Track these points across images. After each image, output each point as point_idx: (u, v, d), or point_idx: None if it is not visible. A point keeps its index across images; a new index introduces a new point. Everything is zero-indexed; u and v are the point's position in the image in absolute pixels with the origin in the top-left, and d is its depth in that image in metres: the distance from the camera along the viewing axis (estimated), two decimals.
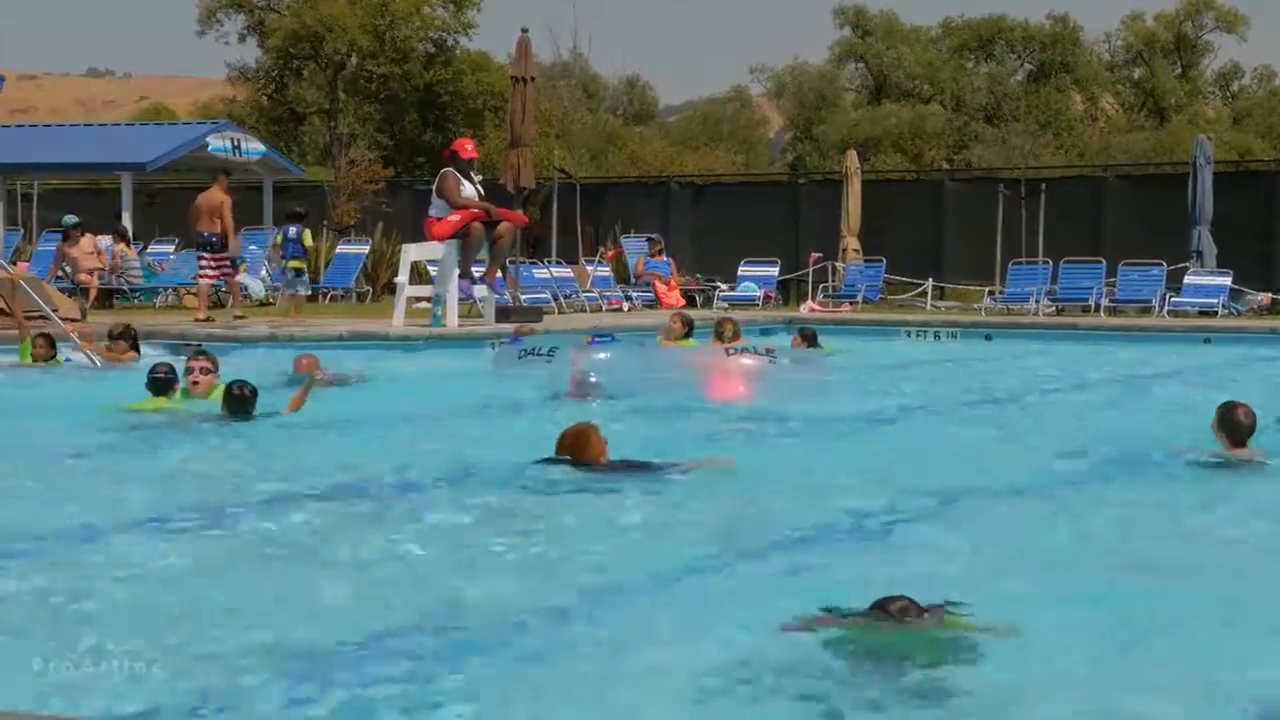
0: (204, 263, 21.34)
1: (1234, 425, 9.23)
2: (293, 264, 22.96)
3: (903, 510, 8.22)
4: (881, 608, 5.25)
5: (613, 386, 12.93)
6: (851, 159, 30.41)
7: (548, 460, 8.94)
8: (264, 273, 27.17)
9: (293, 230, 23.16)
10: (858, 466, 9.91)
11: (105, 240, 25.99)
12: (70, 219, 25.44)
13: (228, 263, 21.51)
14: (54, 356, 15.09)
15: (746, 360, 13.35)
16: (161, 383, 11.56)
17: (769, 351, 13.79)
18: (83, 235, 24.96)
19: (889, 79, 55.27)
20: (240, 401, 11.03)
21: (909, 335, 23.15)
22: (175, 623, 5.84)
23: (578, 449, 8.87)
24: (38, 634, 5.61)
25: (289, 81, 49.56)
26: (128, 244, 26.38)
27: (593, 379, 13.05)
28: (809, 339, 17.50)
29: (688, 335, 17.13)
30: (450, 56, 47.57)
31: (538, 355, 14.14)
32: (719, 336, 15.69)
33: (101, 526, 7.78)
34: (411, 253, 20.98)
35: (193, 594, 6.36)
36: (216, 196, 21.23)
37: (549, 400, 12.91)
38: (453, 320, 19.91)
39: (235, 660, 5.34)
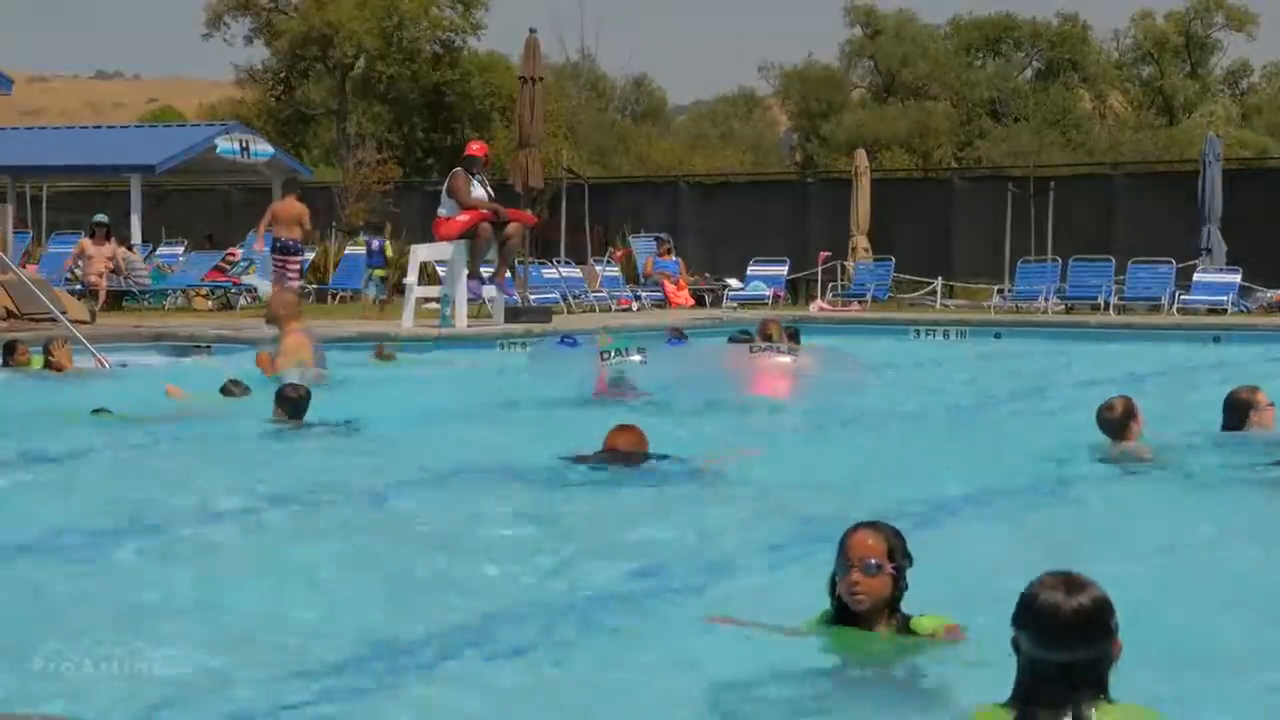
0: (286, 266, 22.53)
1: (1101, 424, 9.36)
2: (377, 272, 24.81)
3: (905, 509, 8.18)
4: None
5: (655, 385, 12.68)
6: (860, 158, 30.39)
7: (582, 458, 8.94)
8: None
9: (376, 243, 25.18)
10: (856, 468, 9.92)
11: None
12: (101, 216, 25.62)
13: (297, 266, 22.86)
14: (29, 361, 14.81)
15: (781, 358, 13.22)
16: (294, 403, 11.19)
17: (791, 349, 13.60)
18: (108, 238, 25.12)
19: (897, 78, 55.23)
20: (297, 403, 11.03)
21: (918, 334, 23.14)
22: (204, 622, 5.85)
23: (626, 441, 8.87)
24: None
25: (296, 83, 49.62)
26: (129, 248, 26.51)
27: (626, 378, 12.87)
28: (792, 337, 17.42)
29: None
30: (458, 57, 47.59)
31: (624, 356, 13.07)
32: (765, 339, 15.49)
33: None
34: (421, 253, 20.96)
35: (212, 594, 6.37)
36: (296, 207, 22.59)
37: (579, 400, 12.80)
38: (462, 321, 19.89)
39: (259, 666, 5.35)
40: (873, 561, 5.07)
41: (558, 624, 5.95)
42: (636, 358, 13.03)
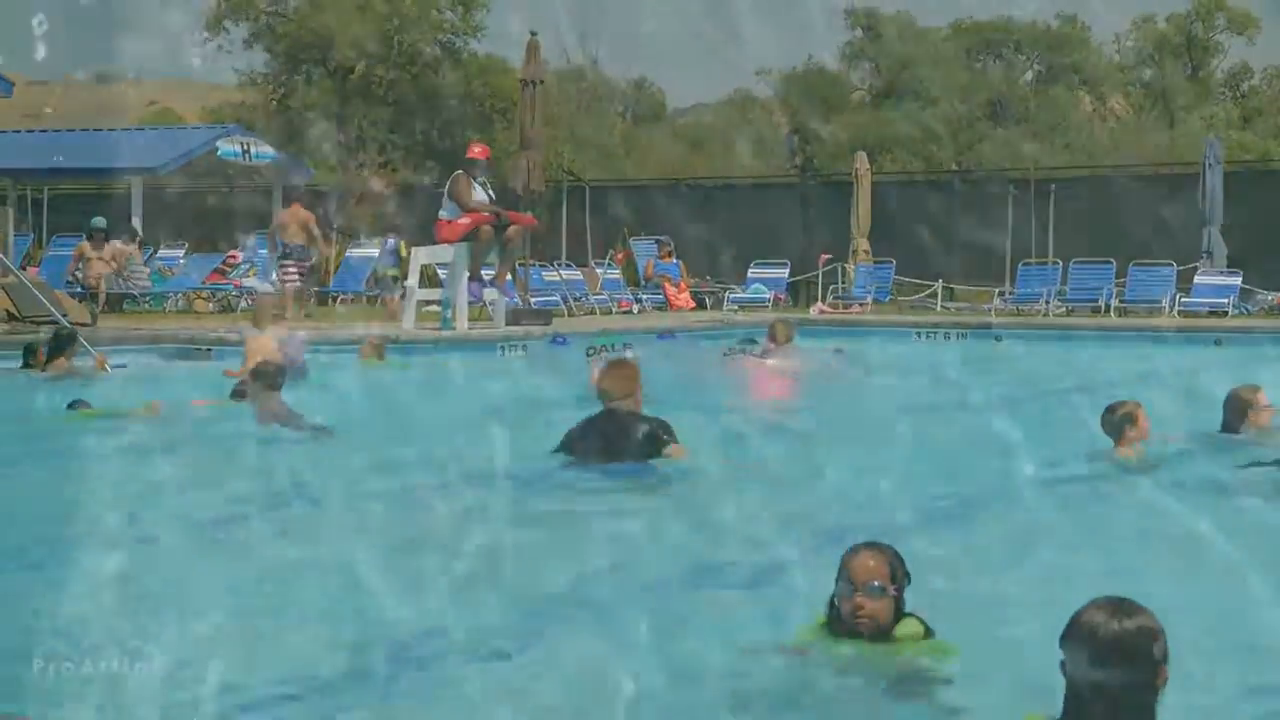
0: (289, 269, 23.20)
1: (1101, 424, 9.39)
2: (390, 272, 25.01)
3: (902, 511, 8.18)
4: None
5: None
6: (861, 160, 30.39)
7: (567, 450, 8.92)
8: (274, 276, 27.18)
9: (391, 243, 25.00)
10: (854, 470, 9.92)
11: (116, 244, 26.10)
12: (99, 221, 25.63)
13: (306, 269, 23.54)
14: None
15: (768, 361, 13.26)
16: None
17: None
18: (106, 240, 25.18)
19: (898, 81, 55.21)
20: (271, 374, 11.05)
21: (919, 337, 23.13)
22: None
23: (615, 381, 8.81)
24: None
25: (297, 86, 49.61)
26: (138, 245, 26.51)
27: None
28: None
29: None
30: (458, 60, 47.61)
31: (611, 352, 13.33)
32: (773, 339, 15.53)
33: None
34: (422, 255, 20.96)
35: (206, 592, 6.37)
36: (301, 213, 23.36)
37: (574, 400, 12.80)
38: (462, 323, 19.88)
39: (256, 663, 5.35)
40: (876, 584, 5.06)
41: (551, 626, 5.95)
42: (628, 354, 13.08)
